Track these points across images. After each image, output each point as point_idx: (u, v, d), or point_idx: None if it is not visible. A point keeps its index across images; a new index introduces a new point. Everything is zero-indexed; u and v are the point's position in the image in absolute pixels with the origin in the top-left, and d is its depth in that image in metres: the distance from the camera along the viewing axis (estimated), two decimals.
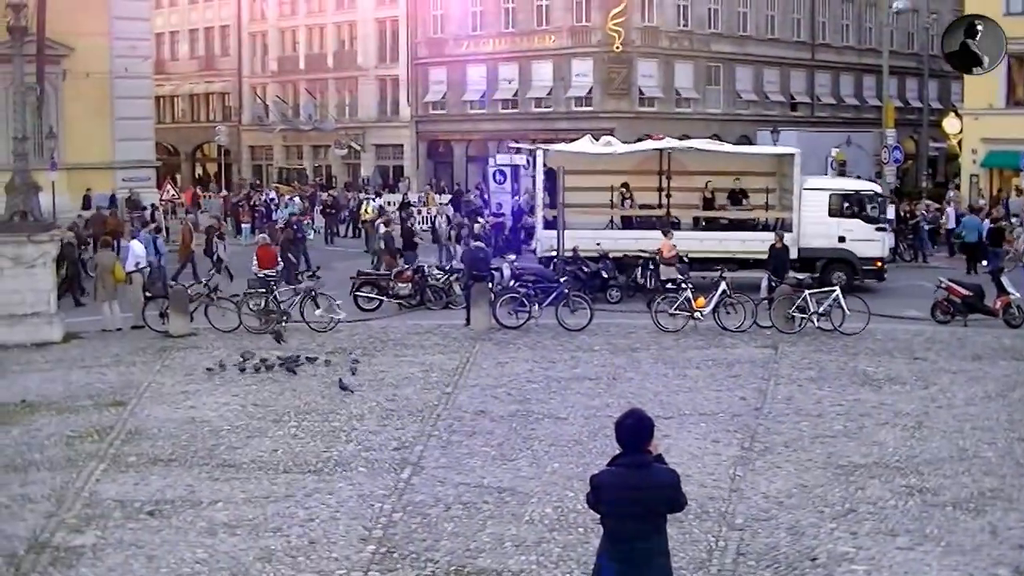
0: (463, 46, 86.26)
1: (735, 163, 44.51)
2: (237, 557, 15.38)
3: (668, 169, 43.54)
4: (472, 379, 26.40)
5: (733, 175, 43.72)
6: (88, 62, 62.34)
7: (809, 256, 40.76)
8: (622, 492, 10.29)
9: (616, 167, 43.75)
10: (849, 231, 41.38)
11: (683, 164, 43.57)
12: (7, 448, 21.05)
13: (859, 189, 43.87)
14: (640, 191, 43.89)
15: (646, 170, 43.91)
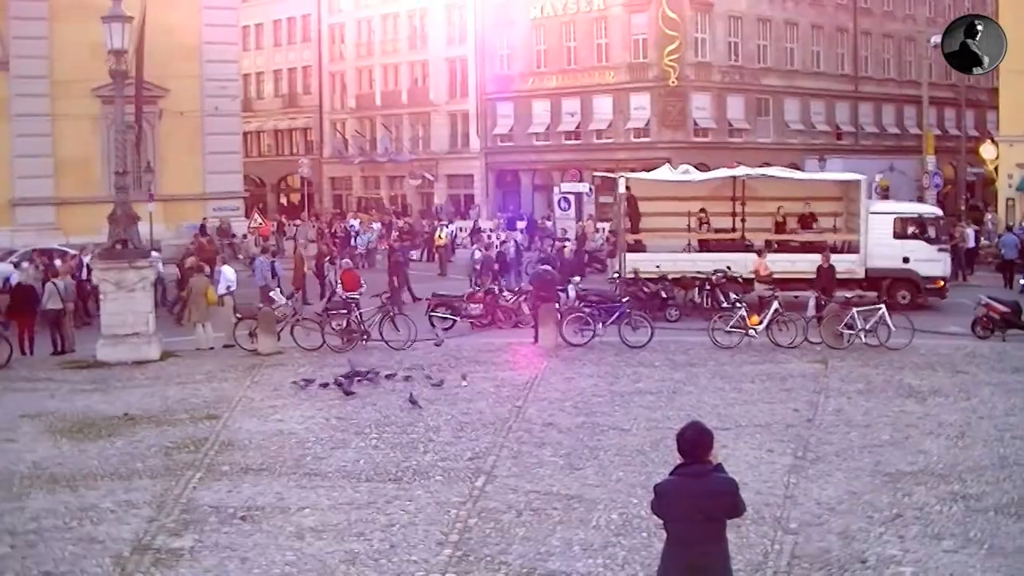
0: (528, 82, 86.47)
1: (804, 189, 44.15)
2: (323, 560, 15.43)
3: (743, 195, 43.49)
4: (541, 393, 26.37)
5: (803, 200, 43.41)
6: (182, 102, 62.97)
7: (875, 276, 40.49)
8: (684, 499, 10.28)
9: (692, 194, 43.58)
10: (912, 252, 40.98)
11: (755, 190, 43.44)
12: (112, 458, 21.23)
13: (922, 212, 43.51)
14: (715, 216, 43.73)
15: (720, 196, 43.80)
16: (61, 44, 60.61)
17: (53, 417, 25.05)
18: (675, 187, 43.67)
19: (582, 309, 35.17)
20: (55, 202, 61.42)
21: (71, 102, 60.28)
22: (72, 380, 29.98)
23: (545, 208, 79.75)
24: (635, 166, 77.37)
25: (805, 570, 14.79)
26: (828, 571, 14.76)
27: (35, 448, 22.27)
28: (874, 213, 41.35)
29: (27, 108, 60.76)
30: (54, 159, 61.82)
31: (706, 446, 10.37)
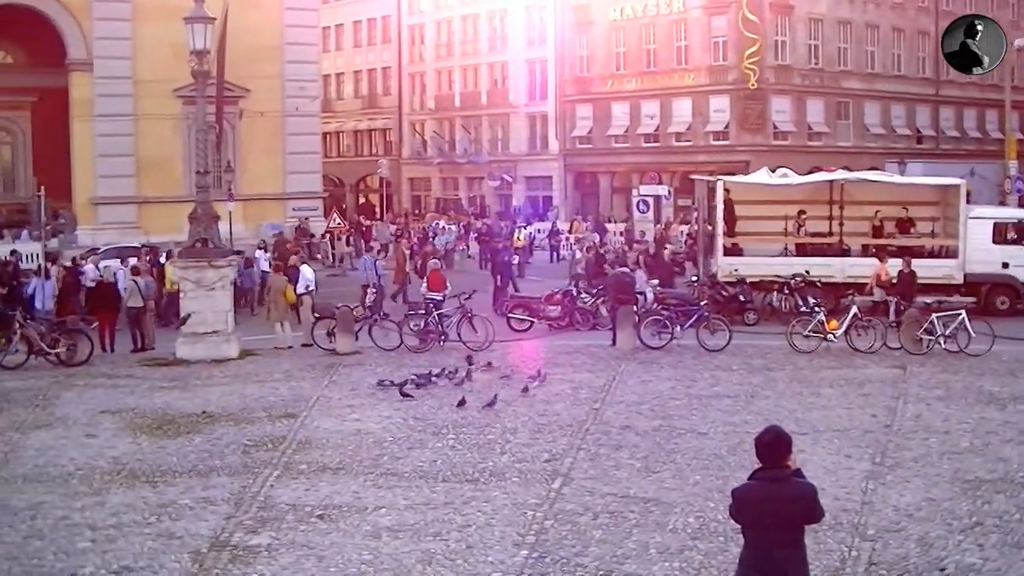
0: (608, 84, 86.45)
1: (902, 193, 43.49)
2: (400, 559, 15.46)
3: (840, 199, 43.04)
4: (618, 396, 26.31)
5: (900, 204, 42.93)
6: (262, 102, 63.43)
7: (974, 281, 39.80)
8: (762, 505, 10.23)
9: (789, 197, 43.25)
10: (1012, 257, 40.22)
11: (852, 194, 43.00)
12: (190, 455, 21.41)
13: (1021, 218, 42.85)
14: (811, 220, 43.31)
15: (817, 200, 43.31)
16: (143, 45, 61.27)
17: (133, 414, 25.32)
18: (772, 190, 43.33)
19: (660, 312, 35.08)
20: (136, 201, 62.05)
21: (153, 102, 60.90)
22: (152, 377, 30.26)
23: (623, 210, 79.64)
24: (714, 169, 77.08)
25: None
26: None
27: (115, 444, 22.52)
28: (973, 218, 40.62)
29: (110, 108, 61.42)
30: (136, 159, 62.46)
31: (784, 451, 10.32)
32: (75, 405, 26.46)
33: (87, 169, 62.10)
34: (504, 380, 28.09)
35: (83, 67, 62.29)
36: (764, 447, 10.34)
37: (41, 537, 16.68)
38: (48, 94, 66.36)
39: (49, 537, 16.65)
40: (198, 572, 15.17)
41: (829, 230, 43.32)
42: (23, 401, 27.14)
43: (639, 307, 35.76)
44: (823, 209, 43.37)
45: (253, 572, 15.10)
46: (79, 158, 62.46)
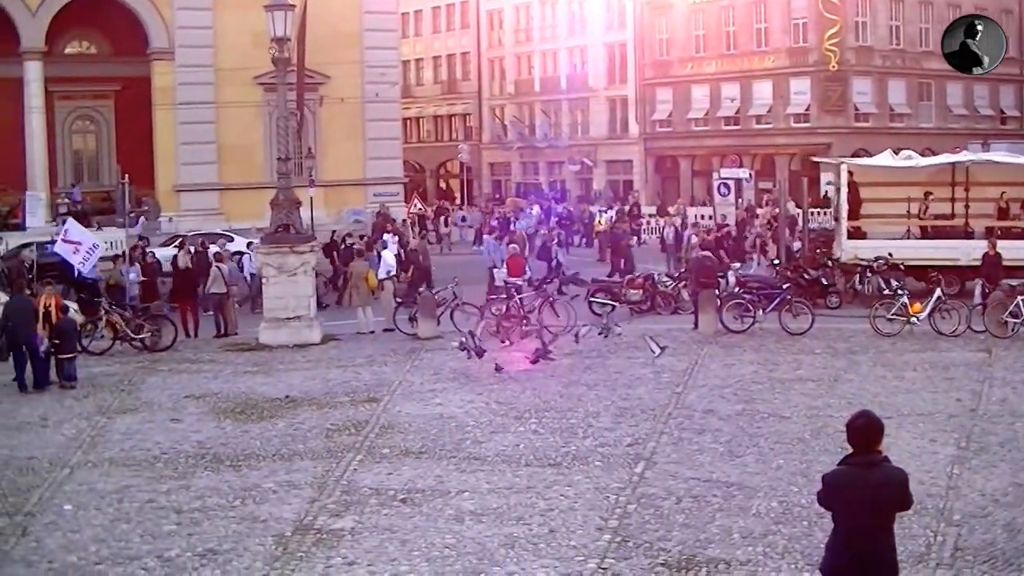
0: (687, 67, 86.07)
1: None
2: (483, 543, 15.49)
3: (966, 181, 42.22)
4: (700, 380, 26.23)
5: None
6: (343, 88, 63.54)
7: None
8: (854, 491, 10.13)
9: (911, 179, 42.55)
10: None
11: (975, 176, 42.23)
12: (274, 439, 21.57)
13: None
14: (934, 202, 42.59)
15: (939, 182, 42.52)
16: (224, 33, 61.60)
17: (217, 398, 25.57)
18: (895, 173, 42.77)
19: (742, 295, 34.91)
20: (218, 188, 62.42)
21: (234, 90, 61.21)
22: (235, 362, 30.55)
23: (704, 194, 79.31)
24: (795, 151, 77.01)
25: (969, 562, 14.52)
26: (993, 564, 14.47)
27: (200, 428, 22.75)
28: None
29: (191, 96, 61.79)
30: (217, 146, 62.80)
31: (876, 436, 10.24)
32: (160, 390, 26.76)
33: (169, 157, 62.57)
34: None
35: (165, 56, 62.70)
36: (855, 432, 10.25)
37: (128, 520, 16.87)
38: (131, 83, 66.87)
39: (135, 520, 16.86)
40: (282, 555, 15.27)
41: (952, 212, 42.68)
42: (109, 386, 27.50)
43: (721, 290, 35.59)
44: (946, 191, 42.66)
45: (336, 556, 15.18)
46: (161, 146, 62.93)
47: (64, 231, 37.79)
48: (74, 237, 36.66)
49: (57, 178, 67.24)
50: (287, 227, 34.03)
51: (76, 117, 71.34)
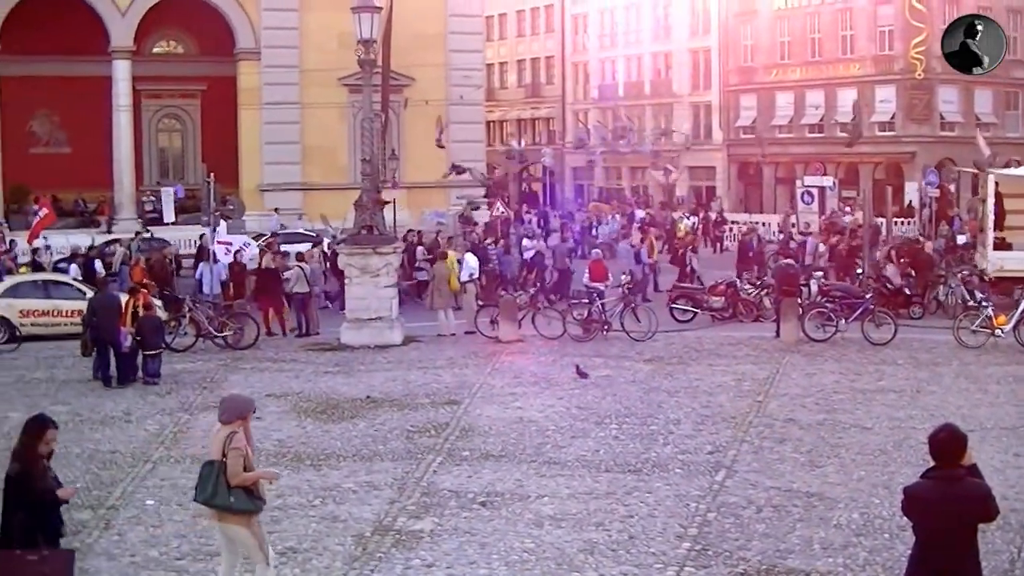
0: (772, 74, 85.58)
1: None
2: (562, 548, 15.45)
3: None
4: (782, 388, 26.07)
5: None
6: (427, 91, 63.64)
7: None
8: (937, 503, 10.00)
9: None
10: None
11: None
12: (354, 439, 21.65)
13: None
14: None
15: None
16: (310, 34, 62.00)
17: (298, 397, 25.72)
18: None
19: (824, 304, 34.64)
20: (302, 188, 62.79)
21: (319, 91, 61.56)
22: (316, 362, 30.68)
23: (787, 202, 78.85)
24: (879, 160, 76.35)
25: None
26: None
27: (281, 427, 22.87)
28: None
29: (277, 96, 62.23)
30: (301, 146, 63.19)
31: (959, 450, 10.10)
32: (241, 388, 26.82)
33: (254, 156, 63.03)
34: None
35: (251, 56, 63.22)
36: (938, 445, 10.12)
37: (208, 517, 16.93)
38: (216, 83, 67.55)
39: None
40: (361, 555, 15.31)
41: None
42: (191, 383, 27.76)
43: (803, 299, 35.35)
44: None
45: (415, 557, 15.19)
46: (246, 145, 63.43)
47: (217, 231, 39.79)
48: (226, 237, 39.24)
49: (143, 176, 68.06)
50: (370, 228, 34.13)
51: (163, 116, 72.31)
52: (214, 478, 12.61)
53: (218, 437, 12.80)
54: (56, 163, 67.35)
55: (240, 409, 13.00)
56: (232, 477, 12.56)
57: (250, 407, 13.22)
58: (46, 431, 12.08)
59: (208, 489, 12.66)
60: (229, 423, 12.80)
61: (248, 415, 13.00)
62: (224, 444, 12.64)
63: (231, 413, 12.90)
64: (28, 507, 11.73)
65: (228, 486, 12.58)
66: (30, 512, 11.74)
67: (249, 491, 12.75)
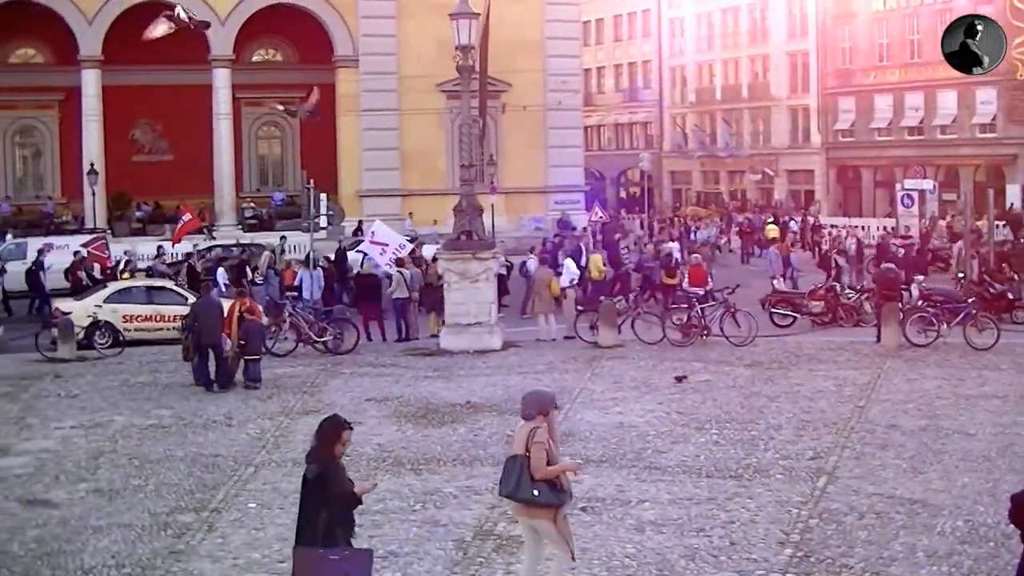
0: (870, 76, 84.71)
1: None
2: (663, 554, 15.41)
3: None
4: (883, 394, 25.77)
5: None
6: (524, 96, 63.84)
7: None
8: None
9: None
10: None
11: None
12: (454, 444, 21.71)
13: None
14: None
15: None
16: (408, 40, 62.43)
17: (398, 402, 25.83)
18: None
19: (926, 309, 34.27)
20: (401, 194, 63.15)
21: (417, 97, 61.96)
22: (416, 367, 30.78)
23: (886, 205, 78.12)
24: (980, 163, 75.39)
25: None
26: None
27: (381, 432, 22.99)
28: None
29: (375, 103, 62.71)
30: (400, 152, 63.61)
31: None
32: (342, 392, 27.12)
33: (353, 162, 63.50)
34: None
35: (349, 63, 63.76)
36: None
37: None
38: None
39: None
40: (462, 560, 15.36)
41: None
42: (292, 387, 27.96)
43: (904, 304, 34.98)
44: None
45: (517, 562, 15.15)
46: (345, 152, 63.93)
47: (372, 232, 40.21)
48: (381, 238, 39.14)
49: (243, 183, 68.75)
50: (469, 233, 34.21)
51: (262, 123, 72.96)
52: (517, 472, 12.97)
53: (521, 432, 13.19)
54: (157, 171, 68.40)
55: (541, 405, 13.34)
56: (535, 471, 12.91)
57: (551, 402, 13.53)
58: (342, 432, 12.36)
59: (512, 483, 13.02)
60: (531, 419, 13.17)
61: (550, 410, 13.33)
62: (528, 439, 13.00)
63: (532, 409, 13.28)
64: (328, 507, 12.00)
65: (532, 480, 12.89)
66: (330, 512, 12.00)
67: (553, 484, 13.04)
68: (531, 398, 13.50)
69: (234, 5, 62.35)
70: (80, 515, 17.74)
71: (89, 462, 21.15)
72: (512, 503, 13.42)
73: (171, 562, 15.53)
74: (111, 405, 26.37)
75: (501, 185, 62.41)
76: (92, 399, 27.18)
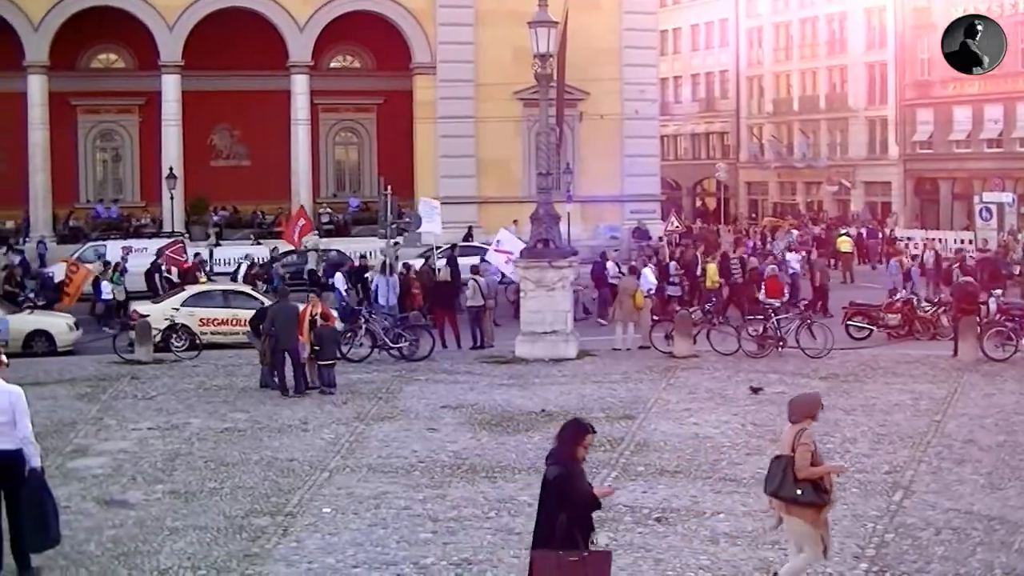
0: (949, 88, 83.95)
1: None
2: (737, 566, 15.37)
3: None
4: (960, 408, 25.55)
5: None
6: (602, 105, 63.79)
7: None
8: None
9: None
10: None
11: None
12: (529, 452, 21.67)
13: None
14: None
15: None
16: (485, 48, 62.57)
17: (473, 409, 25.88)
18: None
19: (1004, 323, 33.95)
20: (477, 201, 63.25)
21: (493, 104, 62.06)
22: (491, 374, 30.87)
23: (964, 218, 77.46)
24: None
25: None
26: None
27: (456, 438, 23.05)
28: None
29: (452, 110, 62.90)
30: (476, 159, 63.71)
31: None
32: (417, 399, 27.20)
33: (430, 169, 63.65)
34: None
35: (427, 70, 63.97)
36: None
37: (385, 526, 17.17)
38: (392, 96, 68.59)
39: (392, 526, 17.16)
40: None
41: None
42: (367, 393, 28.10)
43: (982, 317, 34.66)
44: None
45: None
46: (422, 159, 64.12)
47: (497, 241, 40.71)
48: (507, 247, 39.34)
49: (319, 188, 69.12)
50: (546, 242, 34.22)
51: (339, 129, 73.40)
52: (782, 472, 13.45)
53: (789, 434, 13.67)
54: (235, 175, 68.96)
55: (808, 408, 13.81)
56: (799, 471, 13.36)
57: (817, 405, 13.98)
58: (585, 436, 12.60)
59: (776, 481, 13.52)
60: (798, 422, 13.61)
61: (816, 413, 13.81)
62: (794, 440, 13.45)
63: (800, 413, 13.75)
64: (568, 509, 12.09)
65: (795, 479, 13.32)
66: (570, 514, 12.08)
67: (816, 485, 13.45)
68: (798, 402, 14.01)
69: (313, 11, 62.73)
70: (156, 516, 17.90)
71: (166, 464, 21.36)
72: (774, 501, 13.80)
73: (246, 565, 15.63)
74: (187, 408, 26.62)
75: (577, 194, 62.40)
76: (169, 401, 27.47)
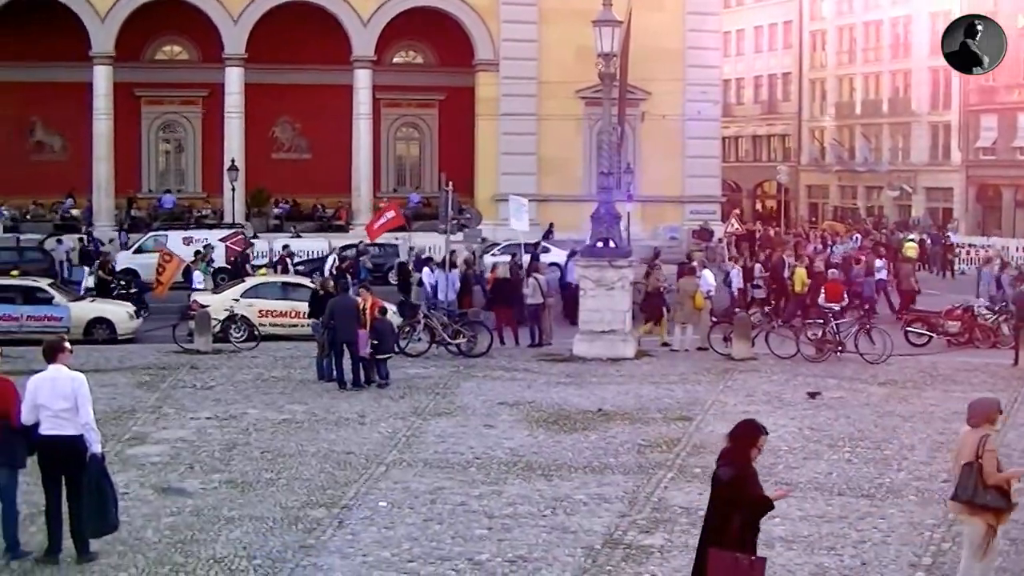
0: (1014, 94, 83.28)
1: None
2: (792, 571, 15.31)
3: None
4: (1020, 418, 25.28)
5: None
6: (663, 106, 63.68)
7: None
8: None
9: None
10: None
11: None
12: (585, 451, 21.70)
13: None
14: None
15: None
16: (548, 46, 62.62)
17: (530, 407, 25.87)
18: None
19: None
20: (537, 199, 63.08)
21: (555, 103, 62.10)
22: (549, 372, 30.85)
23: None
24: None
25: None
26: None
27: (512, 436, 23.06)
28: None
29: (514, 108, 62.98)
30: (538, 157, 63.73)
31: None
32: (474, 395, 27.25)
33: (491, 166, 63.77)
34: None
35: (490, 67, 64.09)
36: None
37: (440, 521, 17.20)
38: (455, 93, 68.70)
39: (447, 522, 17.19)
40: (591, 567, 15.35)
41: None
42: (424, 388, 28.16)
43: None
44: None
45: (645, 572, 15.20)
46: (483, 155, 64.24)
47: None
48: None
49: (380, 183, 69.36)
50: (606, 241, 34.20)
51: (401, 124, 73.61)
52: (974, 479, 13.44)
53: (970, 439, 13.64)
54: (296, 168, 69.31)
55: (988, 413, 13.81)
56: (988, 476, 13.39)
57: (996, 410, 14.00)
58: (759, 437, 12.73)
59: (970, 489, 13.50)
60: (978, 426, 13.63)
61: (995, 417, 13.86)
62: (979, 446, 13.43)
63: (979, 417, 13.74)
64: (742, 511, 12.18)
65: (984, 486, 13.39)
66: (743, 516, 12.17)
67: (1003, 490, 13.51)
68: (977, 405, 13.96)
69: (377, 7, 62.97)
70: (213, 505, 18.03)
71: (223, 453, 21.50)
72: (956, 504, 13.88)
73: (301, 556, 15.69)
74: (245, 398, 26.80)
75: (638, 193, 62.27)
76: (227, 392, 27.66)
